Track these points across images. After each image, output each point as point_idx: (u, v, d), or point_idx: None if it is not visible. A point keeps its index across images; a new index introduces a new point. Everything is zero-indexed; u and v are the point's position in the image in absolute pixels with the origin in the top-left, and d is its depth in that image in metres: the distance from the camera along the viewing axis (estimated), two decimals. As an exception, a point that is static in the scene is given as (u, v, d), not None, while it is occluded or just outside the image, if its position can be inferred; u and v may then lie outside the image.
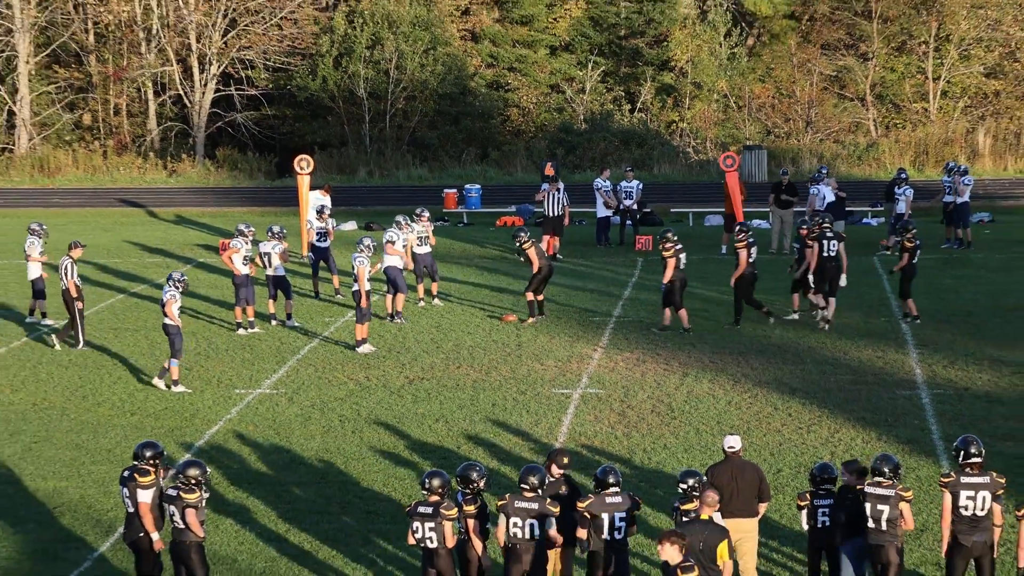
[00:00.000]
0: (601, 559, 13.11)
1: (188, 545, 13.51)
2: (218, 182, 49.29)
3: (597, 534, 13.07)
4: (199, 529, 13.51)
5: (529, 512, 13.00)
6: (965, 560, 13.32)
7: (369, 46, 51.51)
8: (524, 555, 13.05)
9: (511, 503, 13.04)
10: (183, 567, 13.58)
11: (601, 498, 13.06)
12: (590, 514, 13.03)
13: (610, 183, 35.29)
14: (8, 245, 36.66)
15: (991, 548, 13.32)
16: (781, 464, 17.97)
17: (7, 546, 16.02)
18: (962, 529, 13.25)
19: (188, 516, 13.42)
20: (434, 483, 13.01)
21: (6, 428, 20.33)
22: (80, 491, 17.65)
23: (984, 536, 13.25)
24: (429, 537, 13.00)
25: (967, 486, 13.19)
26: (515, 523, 13.02)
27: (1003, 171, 46.54)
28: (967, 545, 13.24)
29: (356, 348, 24.29)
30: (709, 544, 12.14)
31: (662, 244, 24.91)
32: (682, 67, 54.32)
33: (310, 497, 17.33)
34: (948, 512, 13.24)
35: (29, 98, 52.75)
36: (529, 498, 13.02)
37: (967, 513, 13.20)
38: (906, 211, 32.40)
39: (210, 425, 20.28)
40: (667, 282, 24.85)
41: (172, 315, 21.92)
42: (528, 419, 20.23)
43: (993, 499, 13.22)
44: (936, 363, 22.76)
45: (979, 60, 52.88)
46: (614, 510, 13.02)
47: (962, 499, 13.19)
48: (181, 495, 13.45)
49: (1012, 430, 19.22)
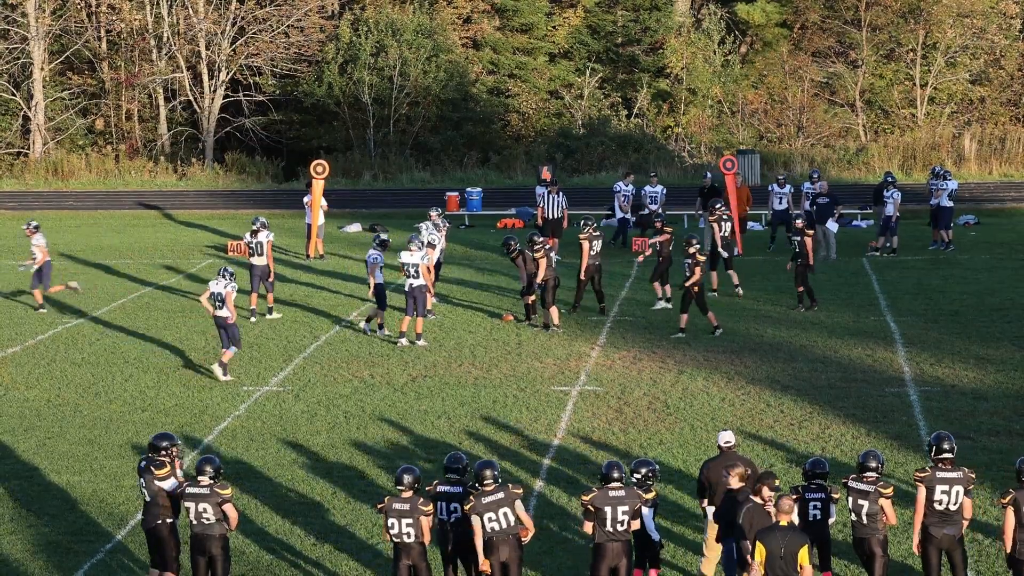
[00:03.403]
0: (606, 551, 13.11)
1: (216, 538, 13.44)
2: (227, 185, 49.28)
3: (600, 527, 13.08)
4: (236, 522, 13.53)
5: (500, 503, 13.08)
6: (937, 551, 13.32)
7: (373, 53, 51.52)
8: (501, 546, 13.10)
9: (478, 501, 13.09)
10: (205, 559, 13.50)
11: (604, 492, 13.07)
12: (593, 507, 13.05)
13: (632, 187, 35.01)
14: (22, 247, 36.64)
15: (960, 541, 13.33)
16: (773, 459, 17.96)
17: (22, 538, 16.01)
18: (933, 522, 13.26)
19: (228, 511, 13.40)
20: (407, 479, 13.14)
21: (21, 424, 20.33)
22: (93, 485, 17.64)
23: (954, 529, 13.25)
24: (406, 532, 13.05)
25: (942, 480, 13.21)
26: (490, 518, 13.06)
27: (988, 175, 46.52)
28: (937, 537, 13.25)
29: (415, 342, 24.40)
30: (790, 550, 11.92)
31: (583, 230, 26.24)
32: (677, 74, 54.31)
33: (316, 491, 17.32)
34: (922, 505, 13.26)
35: (44, 104, 52.72)
36: (491, 490, 13.08)
37: (940, 507, 13.21)
38: (894, 214, 32.41)
39: (219, 421, 20.27)
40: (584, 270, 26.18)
41: (231, 307, 22.38)
42: (528, 416, 20.22)
43: (965, 493, 13.24)
44: (923, 361, 22.75)
45: (965, 67, 52.88)
46: (617, 504, 13.01)
47: (937, 493, 13.20)
48: (216, 491, 13.39)
49: (997, 426, 19.22)
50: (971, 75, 53.06)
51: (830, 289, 28.66)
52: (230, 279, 22.66)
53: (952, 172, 41.85)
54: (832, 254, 31.85)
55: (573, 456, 18.33)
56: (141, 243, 37.22)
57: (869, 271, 30.72)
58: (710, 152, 50.53)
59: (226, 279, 22.59)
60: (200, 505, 13.36)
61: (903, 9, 52.35)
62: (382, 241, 25.73)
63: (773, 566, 11.98)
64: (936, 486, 13.20)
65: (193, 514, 13.40)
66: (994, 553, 14.85)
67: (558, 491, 16.96)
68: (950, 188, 33.21)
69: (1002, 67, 53.28)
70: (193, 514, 13.40)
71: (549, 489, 17.18)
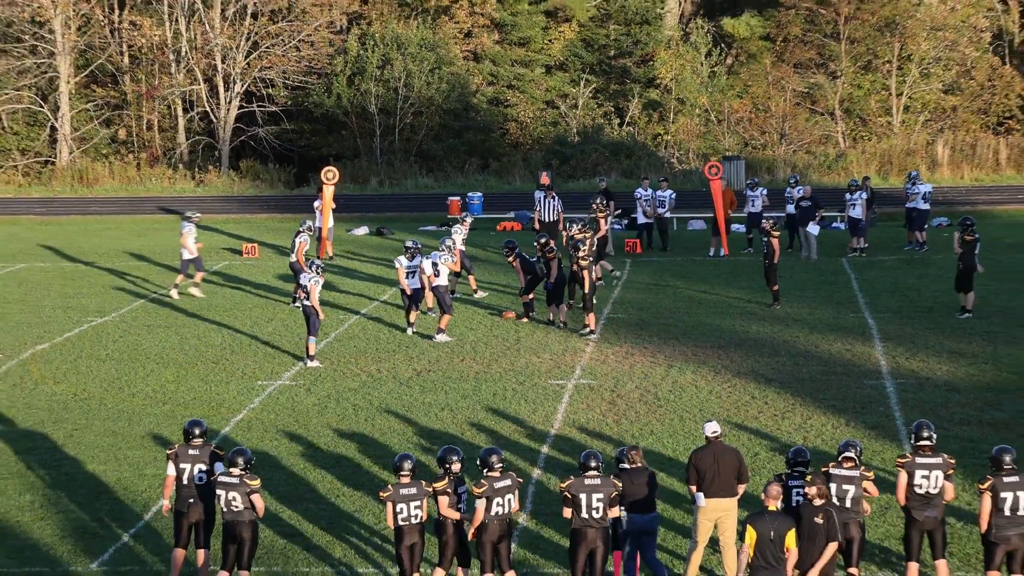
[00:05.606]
0: (583, 537, 13.13)
1: (246, 523, 13.49)
2: (241, 191, 49.25)
3: (577, 513, 13.11)
4: (263, 510, 13.58)
5: (508, 489, 13.14)
6: (920, 533, 13.37)
7: (380, 66, 51.51)
8: (496, 528, 13.17)
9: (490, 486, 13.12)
10: (235, 546, 13.53)
11: (581, 480, 13.11)
12: (570, 494, 13.08)
13: (650, 191, 34.90)
14: (50, 250, 36.70)
15: (942, 523, 13.38)
16: (758, 448, 17.99)
17: (52, 523, 16.05)
18: (915, 505, 13.31)
19: (256, 501, 13.44)
20: (407, 465, 13.25)
21: (50, 416, 20.35)
22: (117, 474, 17.67)
23: (935, 512, 13.29)
24: (414, 515, 13.08)
25: (921, 466, 13.26)
26: (498, 502, 13.11)
27: (960, 179, 46.51)
28: (919, 519, 13.30)
29: (435, 337, 24.42)
30: (779, 533, 12.15)
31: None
32: (667, 84, 54.31)
33: (327, 479, 17.35)
34: (903, 489, 13.31)
35: (69, 115, 52.75)
36: (496, 477, 13.14)
37: (920, 491, 13.25)
38: (861, 216, 32.30)
39: (235, 413, 20.29)
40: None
41: (314, 299, 22.50)
42: (526, 407, 20.24)
43: (945, 478, 13.28)
44: (899, 355, 22.78)
45: (938, 78, 52.88)
46: (592, 491, 13.04)
47: (917, 478, 13.25)
48: (245, 481, 13.43)
49: (968, 416, 19.25)
50: (944, 85, 53.08)
51: (811, 287, 28.68)
52: (315, 272, 22.83)
53: (926, 177, 42.04)
54: (813, 254, 31.85)
55: (569, 445, 18.36)
56: (161, 246, 37.20)
57: (848, 270, 30.72)
58: (698, 158, 50.51)
59: (312, 272, 22.82)
60: (230, 493, 13.45)
61: (880, 23, 52.35)
62: (408, 248, 25.33)
63: (763, 548, 12.06)
64: (916, 471, 13.24)
65: (224, 501, 13.50)
66: (966, 536, 14.90)
67: (555, 478, 16.97)
68: (923, 191, 33.19)
69: (973, 78, 53.30)
70: (224, 501, 13.50)
71: (546, 476, 17.21)
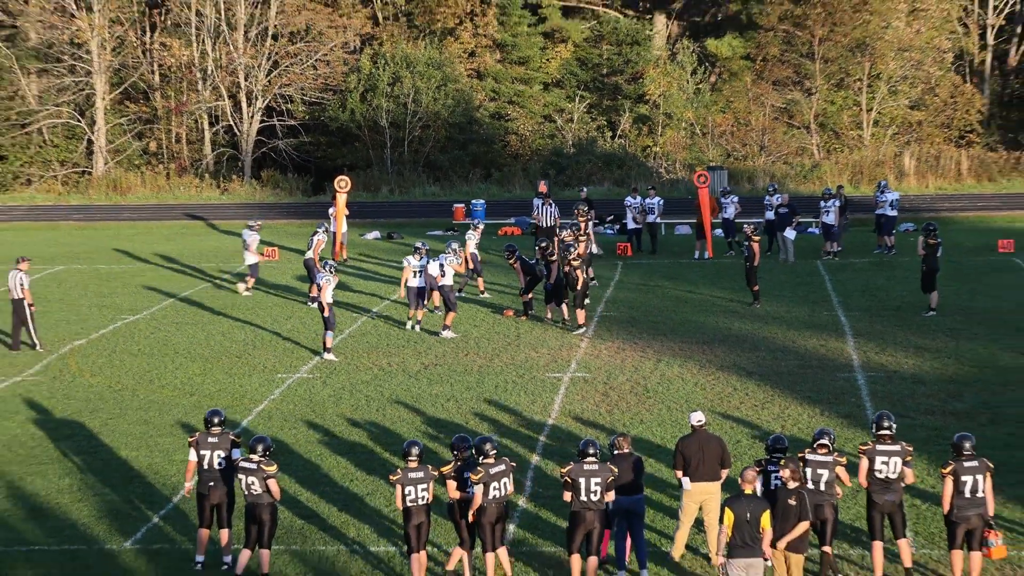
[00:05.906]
0: (581, 519, 13.13)
1: (265, 506, 13.48)
2: (263, 199, 49.24)
3: (576, 496, 13.10)
4: (278, 494, 13.55)
5: (503, 474, 13.14)
6: (880, 515, 13.37)
7: (390, 83, 51.47)
8: (493, 510, 13.19)
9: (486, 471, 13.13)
10: (255, 526, 13.53)
11: (580, 465, 13.09)
12: (570, 479, 13.07)
13: (639, 199, 34.79)
14: (87, 253, 36.72)
15: (900, 505, 13.37)
16: (740, 436, 17.99)
17: (88, 505, 16.06)
18: (875, 489, 13.31)
19: (271, 485, 13.41)
20: (415, 451, 13.25)
21: (87, 407, 20.36)
22: (148, 459, 17.68)
23: (894, 496, 13.29)
24: (421, 497, 13.08)
25: (882, 453, 13.26)
26: (495, 487, 13.13)
27: (925, 188, 46.50)
28: (879, 502, 13.30)
29: (441, 333, 24.35)
30: (755, 515, 12.16)
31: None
32: (655, 100, 54.28)
33: (341, 464, 17.35)
34: (864, 473, 13.32)
35: (105, 128, 52.74)
36: (491, 464, 13.13)
37: (880, 476, 13.26)
38: (834, 222, 32.28)
39: (256, 404, 20.29)
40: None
41: (323, 296, 22.45)
42: (525, 399, 20.24)
43: (904, 464, 13.27)
44: (870, 350, 22.78)
45: (905, 95, 52.87)
46: (590, 476, 13.03)
47: (877, 464, 13.25)
48: (262, 467, 13.40)
49: (933, 406, 19.25)
50: (910, 101, 53.07)
51: (789, 288, 28.67)
52: (328, 272, 22.81)
53: (894, 186, 42.07)
54: (790, 257, 31.84)
55: (565, 434, 18.36)
56: (189, 249, 37.21)
57: (823, 272, 30.71)
58: (684, 168, 50.47)
59: (325, 272, 22.83)
60: (249, 478, 13.44)
61: (851, 44, 52.32)
62: (416, 249, 25.32)
63: (740, 528, 12.07)
64: (876, 457, 13.26)
65: (244, 485, 13.50)
66: (930, 516, 14.90)
67: (552, 464, 16.99)
68: (891, 199, 33.16)
69: (936, 95, 53.28)
70: (244, 485, 13.50)
71: (544, 462, 17.21)
